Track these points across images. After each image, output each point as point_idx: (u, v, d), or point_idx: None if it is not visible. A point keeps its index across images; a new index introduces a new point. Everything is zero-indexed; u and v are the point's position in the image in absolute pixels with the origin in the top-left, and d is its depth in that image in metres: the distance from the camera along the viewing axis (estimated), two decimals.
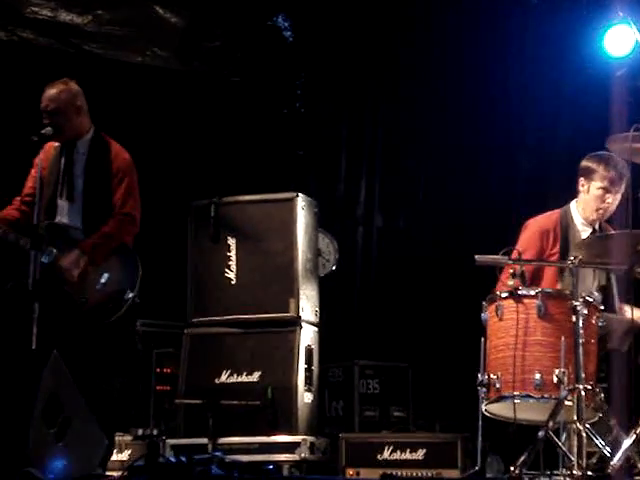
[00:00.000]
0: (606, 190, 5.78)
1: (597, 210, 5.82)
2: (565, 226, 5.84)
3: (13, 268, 5.65)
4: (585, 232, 5.86)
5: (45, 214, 5.82)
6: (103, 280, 5.77)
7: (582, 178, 5.87)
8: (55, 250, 5.71)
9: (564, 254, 5.71)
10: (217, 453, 5.62)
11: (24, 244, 5.62)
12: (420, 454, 6.33)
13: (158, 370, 7.28)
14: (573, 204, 5.93)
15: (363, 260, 8.60)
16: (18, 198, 5.95)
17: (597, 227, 5.89)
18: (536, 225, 5.89)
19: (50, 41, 7.84)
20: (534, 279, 5.69)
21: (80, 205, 5.84)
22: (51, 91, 5.83)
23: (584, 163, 5.88)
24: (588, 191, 5.84)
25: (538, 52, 7.97)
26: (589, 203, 5.84)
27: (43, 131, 5.71)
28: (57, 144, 5.95)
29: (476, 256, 5.32)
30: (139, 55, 8.13)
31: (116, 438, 6.12)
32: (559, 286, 5.66)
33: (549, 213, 5.95)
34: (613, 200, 5.80)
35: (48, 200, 5.85)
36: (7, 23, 7.71)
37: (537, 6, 8.14)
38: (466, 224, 7.98)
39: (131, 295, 5.79)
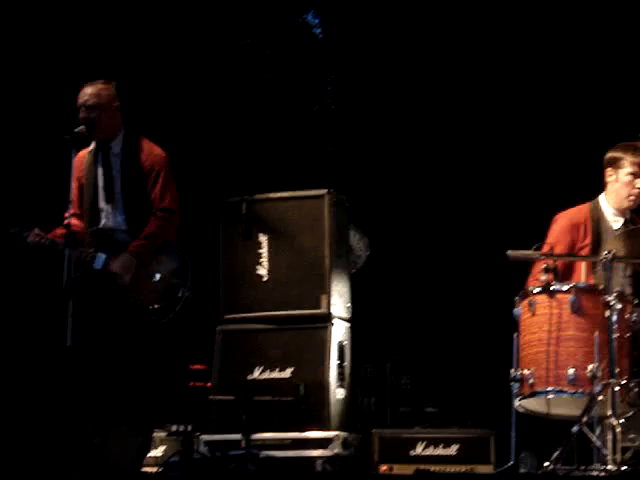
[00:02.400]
0: (635, 175, 5.78)
1: (629, 197, 5.81)
2: (596, 218, 5.82)
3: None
4: (617, 222, 5.84)
5: (89, 220, 5.89)
6: (156, 280, 5.82)
7: (609, 168, 5.86)
8: (105, 255, 5.77)
9: (596, 246, 5.69)
10: (251, 450, 5.64)
11: (59, 244, 5.67)
12: (453, 450, 6.34)
13: (192, 366, 7.31)
14: (602, 196, 5.91)
15: (395, 256, 8.58)
16: (67, 214, 5.97)
17: (628, 217, 5.87)
18: (566, 218, 5.87)
19: None
20: (566, 273, 5.67)
21: (121, 206, 5.88)
22: (91, 88, 5.86)
23: (609, 154, 5.87)
24: (617, 179, 5.83)
25: None
26: (619, 191, 5.82)
27: (77, 129, 5.71)
28: (90, 148, 5.97)
29: (508, 251, 5.31)
30: None
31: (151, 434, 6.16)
32: (592, 279, 5.63)
33: (578, 206, 5.93)
34: None
35: (90, 206, 5.90)
36: None
37: None
38: (498, 218, 7.97)
39: (184, 292, 5.84)
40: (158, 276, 5.83)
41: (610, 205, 5.86)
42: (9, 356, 7.15)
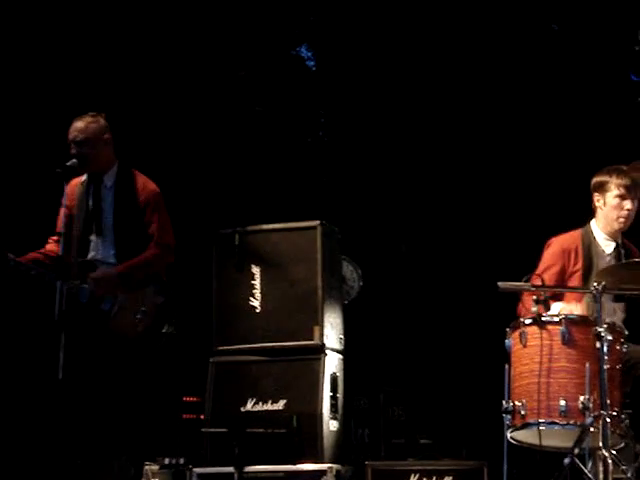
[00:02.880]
0: (622, 197, 5.80)
1: (618, 219, 5.83)
2: (587, 243, 5.85)
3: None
4: (609, 247, 5.86)
5: (78, 251, 5.87)
6: (140, 316, 5.81)
7: (596, 194, 5.89)
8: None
9: (587, 272, 5.71)
10: None
11: (51, 277, 5.66)
12: None
13: (185, 398, 7.30)
14: (592, 222, 5.94)
15: (388, 287, 8.60)
16: (51, 239, 5.98)
17: (620, 241, 5.89)
18: (558, 243, 5.89)
19: None
20: (558, 295, 5.68)
21: (112, 239, 5.89)
22: (80, 123, 5.88)
23: (595, 179, 5.90)
24: (605, 204, 5.85)
25: None
26: (608, 215, 5.85)
27: (68, 163, 5.73)
28: (83, 179, 5.99)
29: (499, 283, 5.31)
30: None
31: (144, 467, 6.14)
32: (584, 301, 5.63)
33: (570, 232, 5.96)
34: (632, 206, 5.82)
35: (79, 237, 5.90)
36: None
37: None
38: (488, 250, 7.99)
39: (169, 328, 5.84)
40: (143, 310, 5.81)
41: (601, 230, 5.89)
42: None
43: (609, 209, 5.83)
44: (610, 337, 5.11)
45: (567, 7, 8.37)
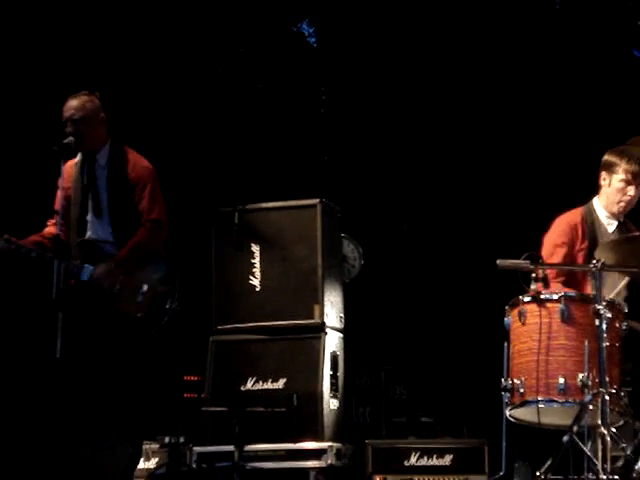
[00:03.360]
0: (628, 182, 5.80)
1: (618, 202, 5.83)
2: (590, 221, 5.85)
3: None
4: (611, 225, 5.86)
5: (76, 232, 5.87)
6: (143, 291, 5.80)
7: (604, 172, 5.87)
8: (91, 267, 5.76)
9: (592, 249, 5.66)
10: (239, 462, 5.61)
11: (49, 257, 5.65)
12: (447, 460, 6.30)
13: (185, 377, 7.30)
14: (595, 200, 5.92)
15: (388, 265, 8.57)
16: (49, 222, 5.96)
17: (622, 221, 5.87)
18: (564, 220, 5.88)
19: None
20: (570, 276, 5.68)
21: (108, 218, 5.87)
22: (75, 101, 5.84)
23: (606, 157, 5.88)
24: (610, 184, 5.84)
25: None
26: (610, 196, 5.84)
27: (65, 140, 5.71)
28: (77, 160, 5.97)
29: (498, 261, 5.27)
30: None
31: (143, 446, 6.13)
32: (589, 281, 5.60)
33: (574, 210, 5.93)
34: (635, 193, 5.81)
35: (77, 218, 5.89)
36: None
37: None
38: (489, 228, 7.96)
39: (172, 303, 5.82)
40: (145, 287, 5.80)
41: (603, 208, 5.88)
42: None
43: (613, 191, 5.83)
44: (609, 315, 5.07)
45: None
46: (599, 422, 4.91)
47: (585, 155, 6.12)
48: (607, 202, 5.86)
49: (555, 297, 5.18)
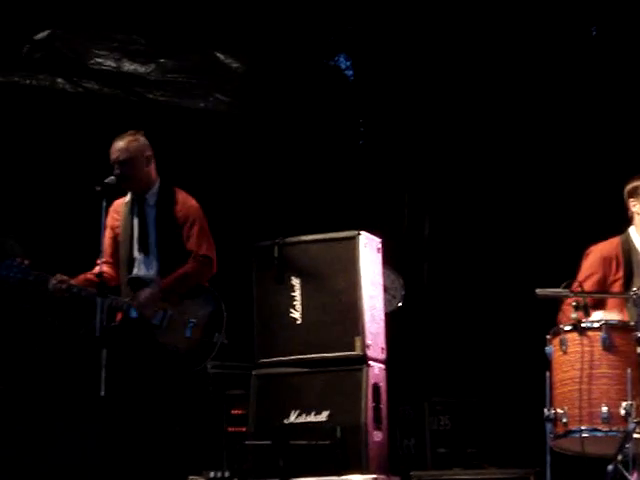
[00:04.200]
0: None
1: None
2: (627, 250, 5.78)
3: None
4: None
5: (125, 270, 5.97)
6: (190, 327, 5.86)
7: (631, 199, 5.83)
8: None
9: (628, 279, 5.64)
10: None
11: (90, 293, 5.71)
12: None
13: (230, 412, 7.32)
14: (632, 229, 5.87)
15: (430, 296, 8.56)
16: (98, 261, 6.02)
17: None
18: (598, 252, 5.83)
19: (115, 91, 8.02)
20: (598, 304, 5.61)
21: (155, 256, 5.95)
22: (120, 142, 5.94)
23: (630, 185, 5.85)
24: None
25: None
26: None
27: (107, 180, 5.77)
28: (127, 199, 6.06)
29: (537, 290, 5.27)
30: (202, 101, 8.27)
31: None
32: (626, 310, 5.56)
33: (610, 239, 5.89)
34: None
35: (126, 256, 5.98)
36: (73, 75, 7.90)
37: None
38: (527, 258, 7.93)
39: (219, 337, 5.87)
40: (193, 321, 5.87)
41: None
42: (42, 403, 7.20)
43: None
44: None
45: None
46: None
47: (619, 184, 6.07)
48: None
49: (596, 325, 5.16)
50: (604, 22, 8.43)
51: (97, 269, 5.93)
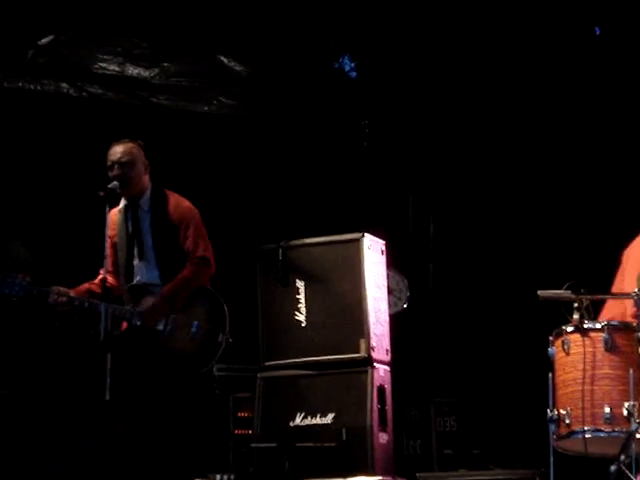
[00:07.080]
0: None
1: None
2: None
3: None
4: None
5: (125, 277, 5.98)
6: (194, 329, 5.88)
7: None
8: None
9: None
10: None
11: (97, 303, 5.71)
12: None
13: (236, 414, 7.34)
14: None
15: (435, 297, 8.56)
16: (101, 270, 5.99)
17: None
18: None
19: (119, 95, 8.04)
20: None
21: (154, 261, 5.96)
22: (121, 146, 5.95)
23: None
24: None
25: None
26: None
27: (110, 185, 5.78)
28: (120, 207, 6.06)
29: (539, 291, 5.27)
30: (206, 105, 8.29)
31: None
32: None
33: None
34: None
35: (124, 264, 5.99)
36: (77, 79, 7.93)
37: None
38: (533, 258, 7.93)
39: (223, 337, 5.89)
40: (196, 324, 5.88)
41: None
42: (48, 407, 7.24)
43: None
44: None
45: None
46: None
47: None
48: None
49: (598, 326, 5.16)
50: (607, 21, 8.40)
51: (99, 278, 5.96)
